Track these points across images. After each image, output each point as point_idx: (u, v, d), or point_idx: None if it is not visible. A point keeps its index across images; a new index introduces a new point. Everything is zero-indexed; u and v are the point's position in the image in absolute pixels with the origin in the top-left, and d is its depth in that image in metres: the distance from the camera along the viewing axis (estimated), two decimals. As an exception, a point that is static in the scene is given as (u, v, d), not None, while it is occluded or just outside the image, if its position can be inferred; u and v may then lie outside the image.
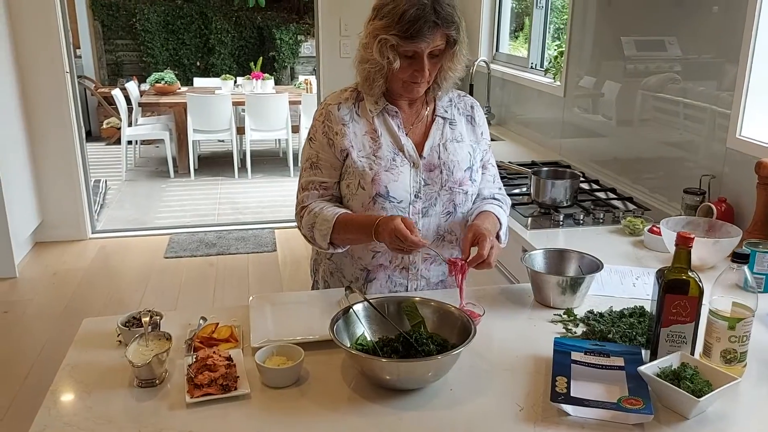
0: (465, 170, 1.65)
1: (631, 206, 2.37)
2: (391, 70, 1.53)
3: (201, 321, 1.45)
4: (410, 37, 1.47)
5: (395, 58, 1.51)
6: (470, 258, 1.49)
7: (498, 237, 1.65)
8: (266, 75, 6.92)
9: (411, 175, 1.61)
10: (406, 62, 1.52)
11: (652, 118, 2.50)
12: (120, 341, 1.40)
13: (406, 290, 1.68)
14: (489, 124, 3.91)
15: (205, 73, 9.05)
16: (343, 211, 1.60)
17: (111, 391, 1.23)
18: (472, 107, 1.73)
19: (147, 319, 1.37)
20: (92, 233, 4.70)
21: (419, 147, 1.63)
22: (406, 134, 1.63)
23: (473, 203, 1.71)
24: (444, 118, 1.67)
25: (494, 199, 1.74)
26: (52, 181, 4.47)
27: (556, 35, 3.61)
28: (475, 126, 1.71)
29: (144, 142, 7.28)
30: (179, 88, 6.89)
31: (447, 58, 1.54)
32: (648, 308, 1.43)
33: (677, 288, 1.23)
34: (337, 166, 1.63)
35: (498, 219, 1.66)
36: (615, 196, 2.51)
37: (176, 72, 8.34)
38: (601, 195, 2.53)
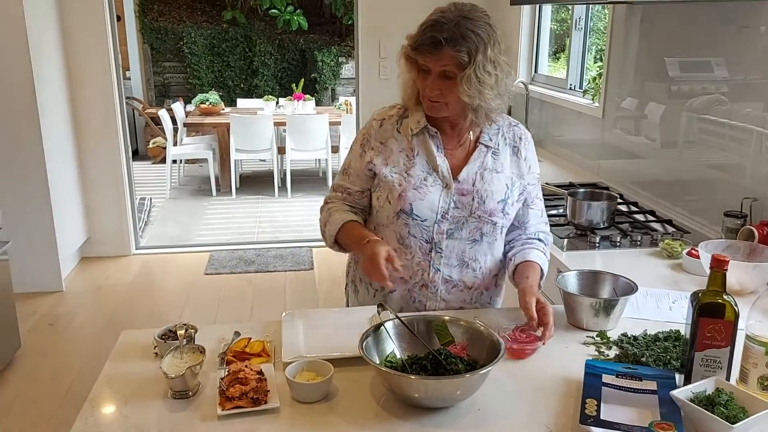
0: (498, 202, 1.64)
1: (670, 229, 2.33)
2: (412, 80, 1.58)
3: (234, 335, 1.48)
4: (415, 49, 1.51)
5: (411, 69, 1.56)
6: (542, 337, 1.45)
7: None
8: (307, 96, 7.03)
9: (441, 196, 1.61)
10: (423, 76, 1.55)
11: (697, 140, 2.46)
12: (156, 353, 1.43)
13: (425, 309, 1.68)
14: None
15: (249, 95, 9.25)
16: (352, 218, 1.68)
17: (146, 401, 1.27)
18: (520, 139, 1.70)
19: (182, 332, 1.40)
20: (136, 249, 4.82)
21: (456, 170, 1.63)
22: (444, 156, 1.64)
23: (518, 237, 1.72)
24: (487, 147, 1.66)
25: (539, 240, 1.72)
26: (100, 199, 4.61)
27: (598, 56, 3.60)
28: (520, 159, 1.68)
29: (188, 161, 7.46)
30: (223, 109, 7.06)
31: (459, 82, 1.51)
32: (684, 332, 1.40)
33: (712, 311, 1.21)
34: (363, 177, 1.69)
35: (541, 269, 1.66)
36: (654, 219, 2.47)
37: (221, 93, 8.55)
38: (640, 217, 2.49)
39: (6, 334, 3.21)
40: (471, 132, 1.66)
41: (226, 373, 1.28)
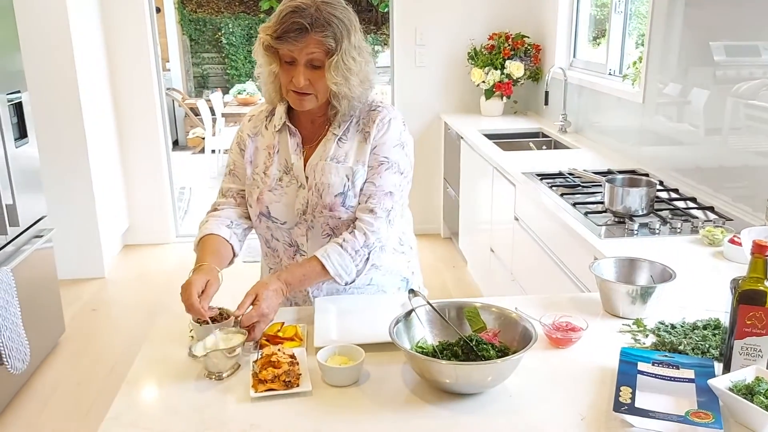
0: (336, 195, 1.53)
1: (712, 216, 2.27)
2: (273, 74, 1.50)
3: (268, 320, 1.50)
4: (278, 38, 1.42)
5: (272, 62, 1.48)
6: (242, 320, 1.39)
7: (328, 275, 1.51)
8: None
9: (300, 196, 1.56)
10: (286, 68, 1.46)
11: (743, 126, 2.38)
12: (192, 336, 1.46)
13: (308, 295, 1.65)
14: (564, 131, 3.85)
15: (286, 84, 9.30)
16: (211, 233, 1.57)
17: (181, 383, 1.29)
18: (374, 122, 1.54)
19: (237, 313, 1.42)
20: (176, 237, 4.91)
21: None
22: (303, 152, 1.58)
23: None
24: (335, 134, 1.56)
25: (351, 232, 1.53)
26: (141, 188, 4.72)
27: (639, 41, 3.51)
28: (368, 145, 1.54)
29: (227, 151, 7.54)
30: (260, 99, 7.12)
31: (326, 69, 1.44)
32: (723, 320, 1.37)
33: (753, 299, 1.18)
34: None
35: (323, 266, 1.48)
36: (695, 206, 2.41)
37: (258, 83, 8.62)
38: (680, 204, 2.43)
39: (51, 319, 3.31)
40: (332, 127, 1.57)
41: (260, 356, 1.29)
